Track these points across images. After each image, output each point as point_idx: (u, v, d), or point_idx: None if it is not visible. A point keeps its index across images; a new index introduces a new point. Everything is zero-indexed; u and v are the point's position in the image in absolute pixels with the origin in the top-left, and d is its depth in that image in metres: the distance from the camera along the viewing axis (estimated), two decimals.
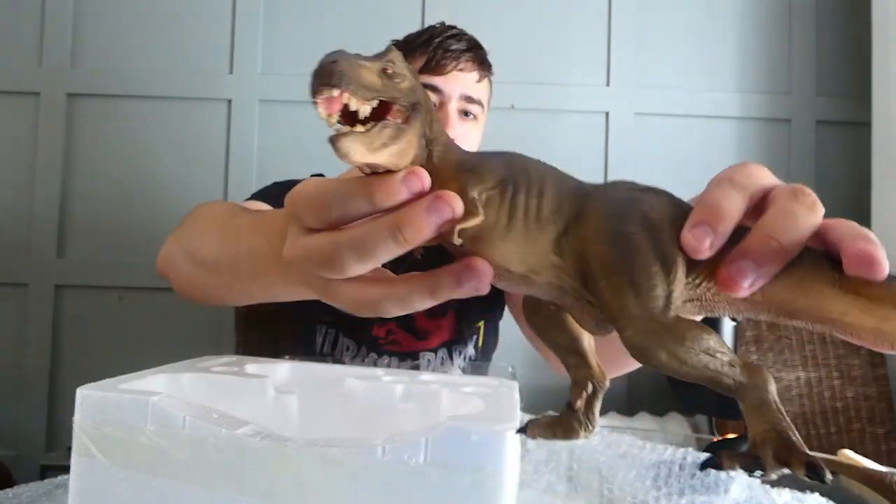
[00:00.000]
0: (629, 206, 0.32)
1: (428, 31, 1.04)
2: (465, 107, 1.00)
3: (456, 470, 0.32)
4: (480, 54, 1.03)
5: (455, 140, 0.37)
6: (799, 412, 1.39)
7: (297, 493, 0.33)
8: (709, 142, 1.73)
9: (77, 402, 0.36)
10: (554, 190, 0.33)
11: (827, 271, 0.30)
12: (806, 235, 0.30)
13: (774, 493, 0.48)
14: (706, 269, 0.31)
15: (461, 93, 0.99)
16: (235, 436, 0.34)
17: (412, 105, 0.33)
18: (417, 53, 1.01)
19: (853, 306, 0.29)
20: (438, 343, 1.07)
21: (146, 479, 0.35)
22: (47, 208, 1.65)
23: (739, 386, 0.29)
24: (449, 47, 0.99)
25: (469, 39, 1.03)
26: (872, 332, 0.29)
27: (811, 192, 0.31)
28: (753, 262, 0.30)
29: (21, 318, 1.64)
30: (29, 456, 1.58)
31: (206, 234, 0.63)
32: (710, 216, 0.31)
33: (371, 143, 0.31)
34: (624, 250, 0.31)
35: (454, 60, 0.98)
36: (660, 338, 0.29)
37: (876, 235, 0.32)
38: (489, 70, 1.06)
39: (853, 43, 1.72)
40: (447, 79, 0.98)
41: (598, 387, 0.37)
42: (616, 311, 0.30)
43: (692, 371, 0.29)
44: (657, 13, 1.73)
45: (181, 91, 1.68)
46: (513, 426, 0.34)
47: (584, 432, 0.36)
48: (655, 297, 0.30)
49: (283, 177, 1.10)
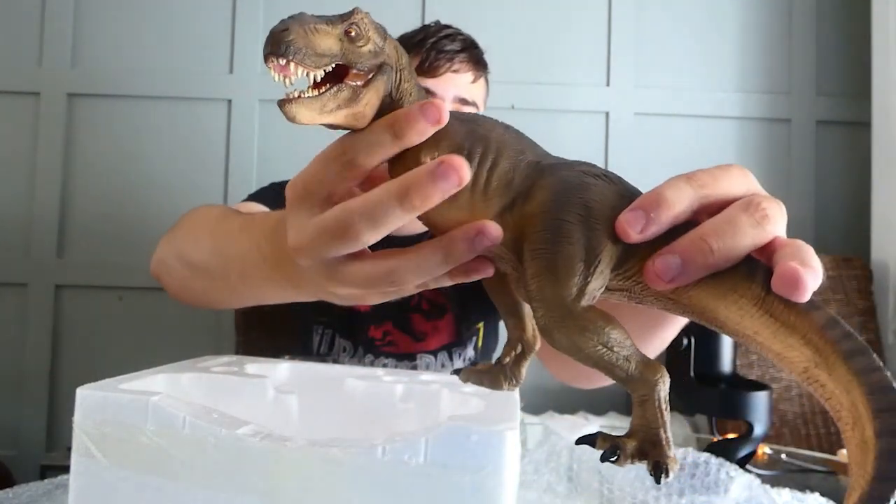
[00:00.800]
0: (575, 191, 0.33)
1: (422, 30, 1.03)
2: (460, 108, 1.00)
3: (456, 470, 0.32)
4: (475, 54, 1.02)
5: None
6: (799, 412, 1.39)
7: (297, 493, 0.33)
8: (709, 142, 1.73)
9: (77, 402, 0.36)
10: (508, 163, 0.34)
11: (755, 288, 0.30)
12: (743, 247, 0.30)
13: (774, 493, 0.48)
14: (639, 262, 0.32)
15: (455, 94, 0.99)
16: (235, 436, 0.34)
17: (377, 66, 0.34)
18: (412, 54, 1.01)
19: (766, 328, 0.30)
20: (437, 346, 1.06)
21: (146, 479, 0.35)
22: (47, 208, 1.65)
23: (630, 378, 0.30)
24: (443, 48, 0.98)
25: (464, 39, 1.02)
26: (777, 356, 0.30)
27: (769, 209, 0.31)
28: (681, 259, 0.30)
29: (21, 318, 1.64)
30: (29, 456, 1.58)
31: (196, 237, 0.63)
32: (648, 203, 0.32)
33: (322, 106, 0.32)
34: (554, 237, 0.32)
35: (448, 62, 0.97)
36: (564, 325, 0.31)
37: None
38: (485, 69, 1.04)
39: (853, 43, 1.72)
40: (440, 81, 0.98)
41: (526, 349, 0.38)
42: (533, 292, 0.31)
43: (588, 360, 0.30)
44: (657, 13, 1.73)
45: (181, 91, 1.68)
46: (513, 426, 0.34)
47: (508, 385, 0.38)
48: (570, 287, 0.31)
49: (283, 177, 1.10)
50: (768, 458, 0.81)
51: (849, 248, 1.63)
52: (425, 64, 0.97)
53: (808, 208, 1.70)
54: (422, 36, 1.00)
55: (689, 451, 0.47)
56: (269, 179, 1.19)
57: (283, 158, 1.66)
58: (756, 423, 0.61)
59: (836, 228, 1.71)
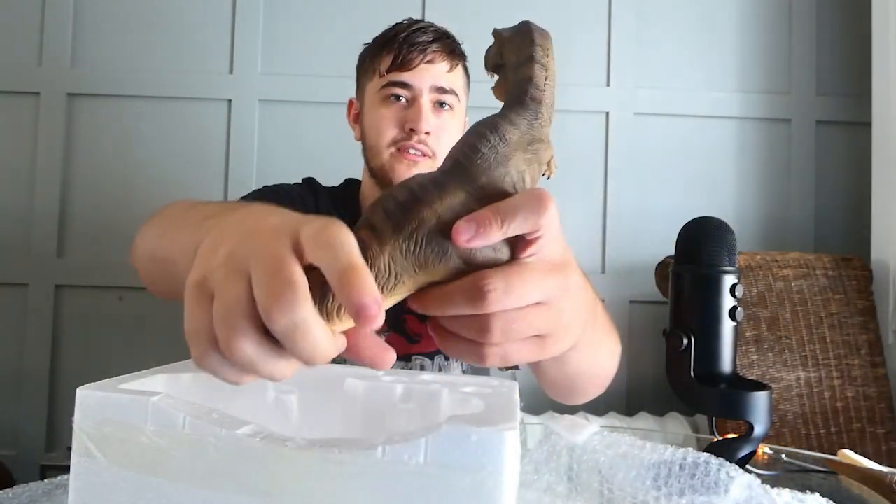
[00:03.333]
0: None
1: (394, 28, 1.02)
2: (439, 98, 0.99)
3: (456, 470, 0.32)
4: (448, 44, 1.01)
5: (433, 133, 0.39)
6: (799, 412, 1.39)
7: (297, 493, 0.33)
8: (709, 142, 1.73)
9: (77, 402, 0.36)
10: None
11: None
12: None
13: (774, 493, 0.48)
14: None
15: (432, 84, 0.98)
16: (235, 436, 0.34)
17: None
18: (384, 52, 1.00)
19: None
20: (434, 348, 1.05)
21: (146, 479, 0.35)
22: (47, 208, 1.65)
23: None
24: (414, 41, 0.97)
25: (435, 30, 1.01)
26: None
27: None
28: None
29: (21, 318, 1.64)
30: (29, 456, 1.58)
31: (156, 227, 0.60)
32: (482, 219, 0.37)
33: None
34: None
35: (420, 54, 0.97)
36: None
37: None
38: (461, 58, 1.04)
39: (853, 43, 1.72)
40: (415, 73, 0.97)
41: None
42: None
43: None
44: (657, 13, 1.73)
45: (181, 91, 1.68)
46: (513, 426, 0.34)
47: None
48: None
49: (283, 177, 1.10)
50: (768, 458, 0.81)
51: (849, 247, 1.63)
52: (398, 59, 0.97)
53: (808, 208, 1.70)
54: (393, 33, 1.00)
55: (689, 451, 0.47)
56: (268, 179, 1.19)
57: (282, 158, 1.66)
58: (756, 423, 0.61)
59: (836, 228, 1.71)
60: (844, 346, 1.43)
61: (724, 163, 1.73)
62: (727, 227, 0.67)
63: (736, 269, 0.65)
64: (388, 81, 0.98)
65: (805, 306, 1.45)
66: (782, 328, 1.42)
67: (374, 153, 1.00)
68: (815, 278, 1.47)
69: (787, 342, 1.42)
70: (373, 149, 1.00)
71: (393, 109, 0.98)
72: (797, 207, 1.70)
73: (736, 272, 0.65)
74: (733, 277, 0.65)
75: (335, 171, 1.17)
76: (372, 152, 1.00)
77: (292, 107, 1.66)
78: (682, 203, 1.70)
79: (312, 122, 1.64)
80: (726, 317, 0.64)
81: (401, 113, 0.98)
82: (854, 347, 1.44)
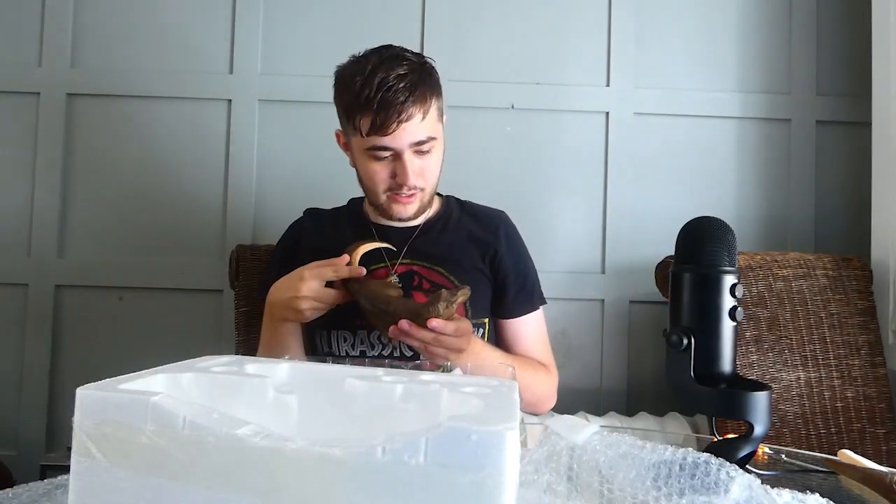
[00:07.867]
0: None
1: (362, 82, 1.02)
2: (418, 149, 1.05)
3: (456, 470, 0.32)
4: (421, 92, 1.04)
5: (419, 175, 0.90)
6: (799, 412, 1.39)
7: (297, 493, 0.33)
8: (709, 142, 1.73)
9: (77, 402, 0.36)
10: None
11: None
12: None
13: (774, 493, 0.48)
14: None
15: (410, 142, 1.03)
16: (235, 436, 0.34)
17: None
18: (362, 115, 1.02)
19: None
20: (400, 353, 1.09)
21: (146, 479, 0.35)
22: (47, 208, 1.65)
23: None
24: (389, 105, 1.00)
25: (403, 76, 1.02)
26: None
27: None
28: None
29: (21, 318, 1.64)
30: (29, 456, 1.58)
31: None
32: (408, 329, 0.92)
33: None
34: None
35: (395, 116, 1.01)
36: None
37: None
38: (433, 93, 1.07)
39: (853, 43, 1.72)
40: (395, 137, 1.02)
41: None
42: None
43: None
44: (657, 13, 1.73)
45: (181, 91, 1.68)
46: (513, 426, 0.34)
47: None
48: None
49: (283, 176, 1.10)
50: (768, 458, 0.81)
51: (849, 247, 1.63)
52: (377, 124, 1.01)
53: (808, 208, 1.70)
54: (366, 93, 1.01)
55: (689, 451, 0.47)
56: (268, 179, 1.19)
57: (282, 158, 1.66)
58: (756, 423, 0.61)
59: (836, 228, 1.71)
60: (844, 346, 1.43)
61: (724, 163, 1.73)
62: (727, 227, 0.67)
63: (736, 269, 0.66)
64: (371, 145, 1.04)
65: (805, 306, 1.44)
66: (782, 328, 1.42)
67: (373, 195, 1.12)
68: (815, 278, 1.47)
69: (787, 342, 1.42)
70: (370, 191, 1.12)
71: (381, 164, 1.07)
72: (797, 207, 1.70)
73: (736, 272, 0.65)
74: (733, 277, 0.65)
75: (334, 170, 1.17)
76: (370, 193, 1.13)
77: (292, 107, 1.66)
78: (682, 203, 1.69)
79: (312, 122, 1.64)
80: (726, 317, 0.64)
81: (388, 167, 1.07)
82: (854, 347, 1.44)
